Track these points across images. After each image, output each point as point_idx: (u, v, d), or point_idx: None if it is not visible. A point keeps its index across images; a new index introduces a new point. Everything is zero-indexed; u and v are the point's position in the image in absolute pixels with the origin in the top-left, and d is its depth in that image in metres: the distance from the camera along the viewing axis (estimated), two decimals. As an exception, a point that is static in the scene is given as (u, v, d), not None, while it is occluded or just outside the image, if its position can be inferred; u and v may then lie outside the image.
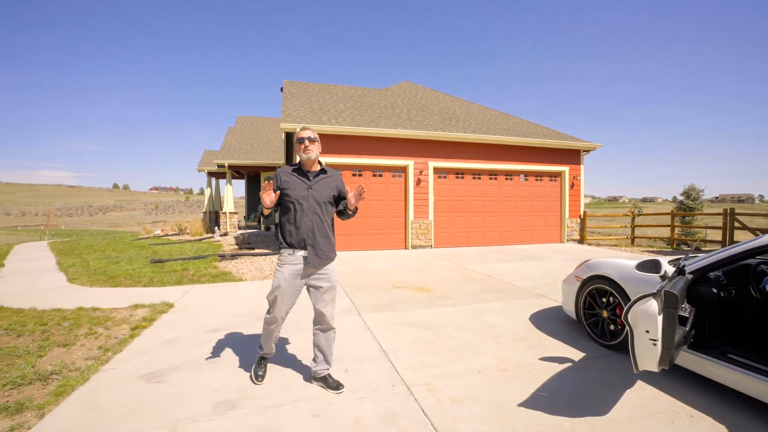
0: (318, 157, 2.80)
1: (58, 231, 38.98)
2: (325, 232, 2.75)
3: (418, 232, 10.69)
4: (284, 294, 2.69)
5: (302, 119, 9.89)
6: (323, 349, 2.82)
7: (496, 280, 6.40)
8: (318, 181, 2.76)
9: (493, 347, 3.49)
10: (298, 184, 2.72)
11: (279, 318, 2.75)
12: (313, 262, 2.68)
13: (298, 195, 2.69)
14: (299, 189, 2.70)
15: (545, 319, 4.29)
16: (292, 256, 2.69)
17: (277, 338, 2.88)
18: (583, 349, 3.41)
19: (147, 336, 3.82)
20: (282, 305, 2.71)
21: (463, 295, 5.40)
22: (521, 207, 12.05)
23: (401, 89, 14.87)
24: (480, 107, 14.60)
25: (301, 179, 2.74)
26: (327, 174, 2.83)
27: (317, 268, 2.71)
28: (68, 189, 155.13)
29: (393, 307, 4.84)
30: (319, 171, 2.80)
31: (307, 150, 2.72)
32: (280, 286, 2.67)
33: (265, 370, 2.92)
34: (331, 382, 2.77)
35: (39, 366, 3.19)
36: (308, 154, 2.73)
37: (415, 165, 10.71)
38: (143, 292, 5.78)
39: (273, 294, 2.71)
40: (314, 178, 2.76)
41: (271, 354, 2.93)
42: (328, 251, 2.75)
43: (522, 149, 11.83)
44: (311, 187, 2.73)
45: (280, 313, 2.73)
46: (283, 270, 2.69)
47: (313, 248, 2.68)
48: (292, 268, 2.68)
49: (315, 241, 2.68)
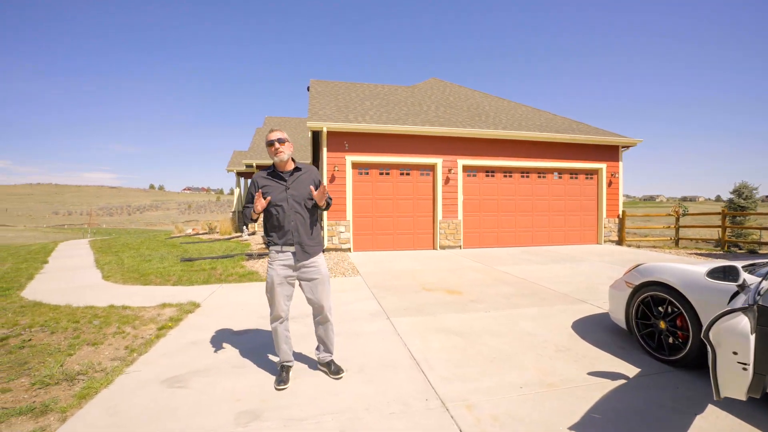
0: (290, 156, 2.86)
1: (99, 229, 41.05)
2: (308, 229, 2.85)
3: (446, 232, 10.38)
4: (279, 289, 2.79)
5: (329, 118, 9.80)
6: (324, 340, 2.99)
7: (531, 284, 6.04)
8: (294, 180, 2.84)
9: (534, 358, 3.19)
10: (276, 188, 2.79)
11: (281, 315, 2.82)
12: (301, 258, 2.81)
13: (278, 198, 2.77)
14: (278, 192, 2.78)
15: (590, 328, 3.94)
16: (281, 254, 2.81)
17: (288, 341, 2.90)
18: (637, 364, 3.05)
19: (172, 337, 3.77)
20: (280, 301, 2.80)
21: (496, 299, 5.10)
22: (555, 206, 11.50)
23: (428, 86, 14.57)
24: (510, 103, 14.09)
25: (278, 182, 2.81)
26: (302, 170, 2.89)
27: (305, 262, 2.84)
28: (110, 190, 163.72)
29: (422, 310, 4.60)
30: (293, 170, 2.86)
31: (278, 152, 2.78)
32: (274, 283, 2.79)
33: (287, 379, 2.82)
34: (333, 368, 2.94)
35: (67, 365, 3.18)
36: (280, 156, 2.78)
37: (444, 163, 10.40)
38: (172, 290, 5.81)
39: (269, 292, 2.82)
40: (290, 177, 2.83)
41: (289, 362, 2.91)
42: (314, 245, 2.88)
43: (555, 146, 11.28)
44: (288, 187, 2.80)
45: (280, 309, 2.81)
46: (274, 266, 2.81)
47: (300, 245, 2.80)
48: (283, 263, 2.80)
49: (300, 238, 2.80)
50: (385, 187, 10.21)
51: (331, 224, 9.68)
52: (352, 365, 3.07)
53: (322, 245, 2.99)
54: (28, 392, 2.76)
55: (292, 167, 2.87)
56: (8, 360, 3.37)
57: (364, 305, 4.85)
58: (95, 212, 69.76)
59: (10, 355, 3.48)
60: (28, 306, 5.13)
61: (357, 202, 9.98)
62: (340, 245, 9.73)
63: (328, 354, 3.00)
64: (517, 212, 11.20)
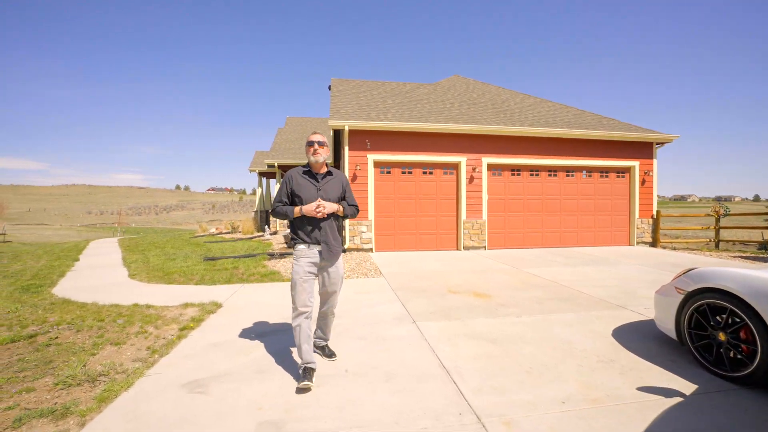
0: (326, 160, 3.01)
1: (128, 228, 42.49)
2: (335, 230, 3.01)
3: (470, 232, 10.10)
4: (304, 286, 2.85)
5: (350, 116, 9.68)
6: (324, 328, 3.23)
7: (563, 287, 5.72)
8: (326, 183, 3.01)
9: (574, 370, 2.94)
10: (309, 187, 2.96)
11: (305, 311, 2.82)
12: (327, 256, 2.94)
13: (310, 196, 2.92)
14: (310, 190, 2.94)
15: (633, 337, 3.64)
16: (308, 251, 2.90)
17: (310, 341, 2.84)
18: (693, 379, 2.76)
19: (194, 338, 3.70)
20: (305, 297, 2.84)
21: (527, 304, 4.83)
22: (584, 206, 11.03)
23: (451, 83, 14.27)
24: (536, 99, 13.64)
25: (311, 181, 2.98)
26: (333, 175, 3.08)
27: (330, 262, 2.98)
28: (138, 190, 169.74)
29: (450, 314, 4.39)
30: (326, 173, 3.05)
31: (316, 153, 2.94)
32: (299, 280, 2.85)
33: (311, 381, 2.67)
34: (328, 351, 3.20)
35: (90, 365, 3.14)
36: (317, 157, 2.95)
37: (468, 161, 10.12)
38: (194, 290, 5.79)
39: (294, 288, 2.86)
40: (323, 179, 3.01)
41: (312, 363, 2.76)
42: (338, 247, 3.02)
43: (584, 143, 10.81)
44: (320, 189, 2.97)
45: (305, 305, 2.83)
46: (300, 263, 2.88)
47: (327, 244, 2.93)
48: (309, 261, 2.90)
49: (327, 238, 2.94)
50: (408, 186, 10.01)
51: (353, 224, 9.56)
52: (378, 374, 2.90)
53: (342, 247, 3.13)
54: (50, 392, 2.72)
55: (326, 170, 3.05)
56: (35, 358, 3.37)
57: (388, 308, 4.68)
58: (125, 212, 72.35)
59: (37, 353, 3.49)
60: (58, 303, 5.21)
61: (379, 202, 9.83)
62: (361, 245, 9.60)
63: (323, 339, 3.26)
64: (544, 212, 10.79)
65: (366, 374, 2.86)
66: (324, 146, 2.97)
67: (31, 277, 7.40)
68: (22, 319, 4.51)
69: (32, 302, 5.32)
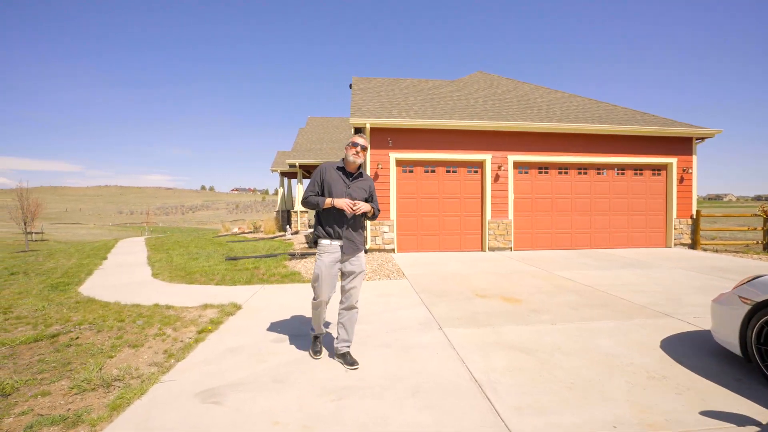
0: (362, 163, 3.16)
1: (155, 228, 43.82)
2: (357, 228, 3.13)
3: (495, 233, 9.73)
4: (325, 279, 3.04)
5: (371, 113, 9.49)
6: (347, 327, 3.15)
7: (600, 292, 5.34)
8: (355, 183, 3.14)
9: (623, 388, 2.64)
10: (340, 182, 3.07)
11: (323, 301, 3.12)
12: (348, 251, 3.06)
13: (338, 192, 3.03)
14: (340, 186, 3.06)
15: (686, 350, 3.28)
16: (330, 246, 3.05)
17: (324, 320, 3.28)
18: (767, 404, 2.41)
19: (211, 342, 3.58)
20: (324, 289, 3.06)
21: (562, 310, 4.50)
22: (616, 205, 10.46)
23: (474, 80, 13.89)
24: (564, 94, 13.08)
25: (343, 178, 3.10)
26: (363, 178, 3.20)
27: (351, 256, 3.09)
28: (166, 191, 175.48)
29: (478, 320, 4.13)
30: (357, 174, 3.17)
31: (357, 155, 3.07)
32: (321, 273, 3.03)
33: (321, 347, 3.29)
34: (349, 359, 3.08)
35: (106, 369, 3.06)
36: (356, 158, 3.08)
37: (493, 159, 9.76)
38: (215, 290, 5.73)
39: (316, 281, 3.06)
40: (353, 180, 3.14)
41: (322, 332, 3.32)
42: (360, 243, 3.15)
43: (617, 139, 10.25)
44: (349, 186, 3.09)
45: (324, 296, 3.09)
46: (323, 258, 3.05)
47: (348, 240, 3.05)
48: (331, 256, 3.04)
49: (350, 234, 3.06)
50: (431, 185, 9.74)
51: (375, 224, 9.37)
52: (404, 387, 2.68)
53: (364, 244, 3.27)
54: (65, 397, 2.64)
55: (358, 172, 3.18)
56: (54, 359, 3.33)
57: (412, 313, 4.45)
58: (153, 212, 74.89)
59: (57, 354, 3.45)
60: (82, 302, 5.24)
61: (401, 201, 9.60)
62: (383, 246, 9.39)
63: (346, 344, 3.15)
64: (573, 212, 10.30)
65: (391, 387, 2.65)
66: (366, 151, 3.13)
67: (61, 275, 7.55)
68: (47, 318, 4.54)
69: (59, 300, 5.38)
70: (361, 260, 3.15)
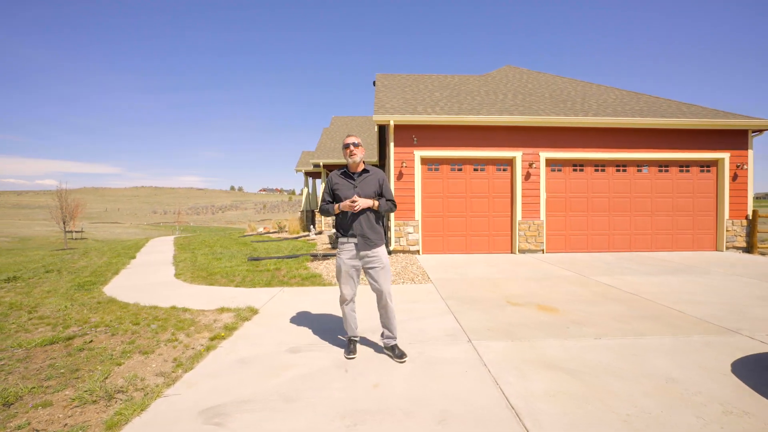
0: (362, 160, 3.26)
1: (186, 227, 45.22)
2: (372, 224, 3.19)
3: (526, 234, 9.20)
4: (345, 275, 3.21)
5: (395, 110, 9.18)
6: (387, 324, 3.25)
7: (647, 302, 4.81)
8: (362, 180, 3.22)
9: (694, 425, 2.20)
10: (346, 186, 3.22)
11: (346, 298, 3.25)
12: (363, 248, 3.16)
13: (347, 194, 3.17)
14: (347, 189, 3.19)
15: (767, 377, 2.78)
16: (347, 244, 3.20)
17: (354, 320, 3.32)
18: None
19: (223, 350, 3.36)
20: (346, 284, 3.23)
21: (606, 322, 4.03)
22: (659, 205, 9.69)
23: (503, 74, 13.31)
24: (600, 87, 12.31)
25: (348, 181, 3.24)
26: (369, 173, 3.27)
27: (367, 252, 3.17)
28: (197, 191, 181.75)
29: (512, 332, 3.73)
30: (362, 171, 3.26)
31: (352, 154, 3.17)
32: (341, 269, 3.22)
33: (355, 348, 3.29)
34: (397, 352, 3.17)
35: (112, 378, 2.90)
36: (353, 158, 3.18)
37: (524, 156, 9.23)
38: (234, 292, 5.58)
39: (338, 276, 3.27)
40: (358, 178, 3.23)
41: (356, 336, 3.36)
42: (376, 239, 3.20)
43: (660, 133, 9.49)
44: (356, 186, 3.19)
45: (347, 292, 3.24)
46: (341, 255, 3.22)
47: (363, 237, 3.15)
48: (349, 253, 3.19)
49: (363, 231, 3.15)
50: (457, 184, 9.32)
51: (399, 224, 9.05)
52: (430, 413, 2.34)
53: (383, 239, 3.29)
54: (65, 410, 2.47)
55: (362, 168, 3.25)
56: (64, 364, 3.21)
57: (438, 322, 4.10)
58: (185, 212, 77.56)
59: (68, 358, 3.34)
60: (103, 303, 5.20)
61: (426, 201, 9.24)
62: (408, 247, 9.06)
63: (391, 338, 3.26)
64: (611, 212, 9.62)
65: (415, 413, 2.32)
66: (359, 147, 3.19)
67: (89, 274, 7.66)
68: (67, 319, 4.49)
69: (82, 300, 5.37)
70: (379, 255, 3.19)
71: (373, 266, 3.17)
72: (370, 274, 3.20)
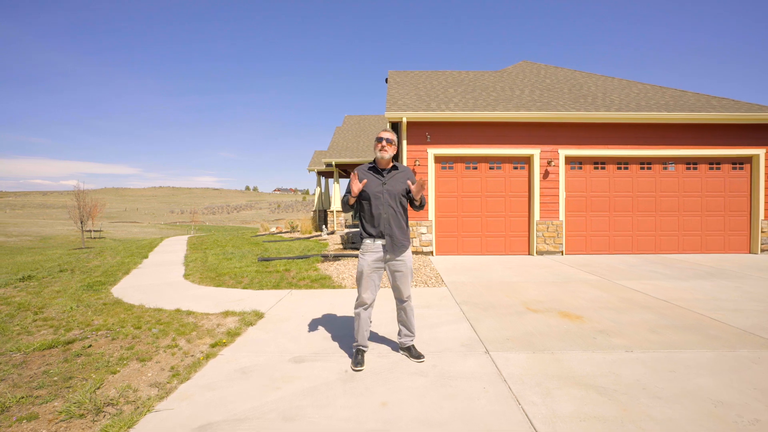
0: (391, 157, 3.05)
1: (201, 227, 45.80)
2: (400, 223, 3.01)
3: (545, 235, 8.82)
4: (368, 278, 2.97)
5: (408, 107, 8.91)
6: (405, 322, 3.13)
7: (681, 309, 4.44)
8: (391, 177, 3.04)
9: (752, 458, 1.89)
10: (374, 181, 3.00)
11: (366, 302, 3.00)
12: (391, 249, 2.96)
13: (375, 191, 2.98)
14: (375, 185, 2.99)
15: (828, 399, 2.43)
16: (372, 245, 2.98)
17: (368, 328, 3.07)
18: None
19: (223, 359, 3.17)
20: (367, 289, 2.98)
21: (636, 332, 3.70)
22: (687, 204, 9.17)
23: (519, 69, 12.90)
24: (622, 81, 11.78)
25: (376, 176, 3.03)
26: (398, 170, 3.09)
27: (395, 255, 2.98)
28: (213, 191, 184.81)
29: (533, 342, 3.43)
30: (391, 168, 3.08)
31: (383, 150, 2.98)
32: (363, 272, 2.97)
33: (363, 359, 3.01)
34: (414, 352, 3.09)
35: (104, 388, 2.73)
36: (383, 153, 2.99)
37: (542, 154, 8.85)
38: (240, 295, 5.41)
39: (359, 280, 3.01)
40: (387, 174, 3.04)
41: (365, 346, 3.07)
42: (403, 240, 3.01)
43: (688, 128, 8.98)
44: (385, 183, 3.00)
45: (367, 296, 2.99)
46: (365, 257, 2.98)
47: (390, 237, 2.95)
48: (374, 255, 2.97)
49: (392, 231, 2.96)
50: (472, 183, 9.00)
51: (412, 224, 8.78)
52: (443, 437, 2.09)
53: (410, 241, 3.11)
54: (50, 424, 2.31)
55: (391, 166, 3.08)
56: (59, 371, 3.07)
57: (453, 329, 3.83)
58: (201, 211, 78.81)
59: (64, 364, 3.20)
60: (109, 304, 5.09)
61: (440, 200, 8.94)
62: (421, 248, 8.78)
63: (409, 337, 3.15)
64: (635, 211, 9.15)
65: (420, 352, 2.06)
66: (392, 144, 3.00)
67: (101, 274, 7.63)
68: (70, 321, 4.39)
69: (88, 301, 5.28)
70: (406, 258, 3.02)
71: (397, 270, 3.01)
72: (395, 278, 3.03)
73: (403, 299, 3.09)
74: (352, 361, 3.02)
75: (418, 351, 3.11)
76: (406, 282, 3.05)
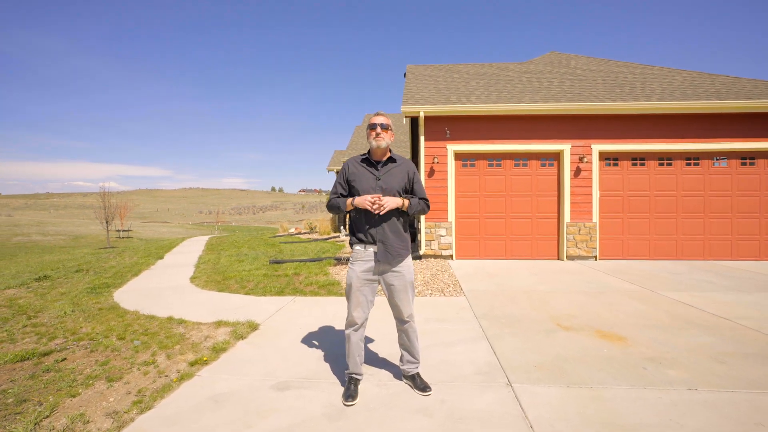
0: (389, 146, 2.58)
1: (227, 227, 46.66)
2: (397, 227, 2.53)
3: (576, 238, 8.04)
4: (358, 293, 2.51)
5: (426, 101, 8.35)
6: (408, 347, 2.66)
7: (749, 331, 3.68)
8: (387, 172, 2.55)
9: None
10: (366, 176, 2.53)
11: (356, 322, 2.53)
12: (384, 259, 2.49)
13: (366, 187, 2.49)
14: (367, 181, 2.51)
15: None
16: (363, 252, 2.52)
17: (361, 352, 2.61)
18: None
19: (197, 382, 2.74)
20: (358, 305, 2.52)
21: (696, 360, 3.01)
22: (741, 204, 8.16)
23: (547, 60, 12.06)
24: (663, 69, 10.76)
25: (369, 170, 2.55)
26: (396, 163, 2.59)
27: (390, 265, 2.51)
28: (240, 192, 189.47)
29: (567, 372, 2.82)
30: (387, 160, 2.58)
31: (378, 137, 2.50)
32: (352, 285, 2.52)
33: (356, 391, 2.52)
34: (419, 383, 2.60)
35: (54, 416, 2.35)
36: (378, 141, 2.51)
37: (573, 149, 8.08)
38: (240, 301, 5.03)
39: (348, 295, 2.56)
40: (383, 168, 2.55)
41: (359, 374, 2.61)
42: (400, 247, 2.53)
43: (742, 119, 7.98)
44: (379, 178, 2.52)
45: (357, 315, 2.53)
46: (354, 267, 2.54)
47: (383, 244, 2.48)
48: (364, 265, 2.51)
49: (385, 237, 2.48)
50: (496, 182, 8.33)
51: (430, 226, 8.21)
52: None
53: (409, 249, 2.61)
54: (-26, 468, 1.93)
55: (387, 157, 2.58)
56: (18, 390, 2.74)
57: (469, 351, 3.26)
58: (228, 212, 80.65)
59: (28, 381, 2.89)
60: (104, 309, 4.84)
61: (460, 200, 8.33)
62: (440, 251, 8.20)
63: (413, 364, 2.68)
64: (680, 212, 8.22)
65: None
66: (388, 130, 2.51)
67: (111, 275, 7.48)
68: (59, 328, 4.15)
69: (85, 306, 5.05)
70: (404, 270, 2.54)
71: (392, 283, 2.53)
72: (390, 293, 2.56)
73: (404, 319, 2.60)
74: (344, 393, 2.53)
75: (424, 381, 2.62)
76: (406, 298, 2.56)
